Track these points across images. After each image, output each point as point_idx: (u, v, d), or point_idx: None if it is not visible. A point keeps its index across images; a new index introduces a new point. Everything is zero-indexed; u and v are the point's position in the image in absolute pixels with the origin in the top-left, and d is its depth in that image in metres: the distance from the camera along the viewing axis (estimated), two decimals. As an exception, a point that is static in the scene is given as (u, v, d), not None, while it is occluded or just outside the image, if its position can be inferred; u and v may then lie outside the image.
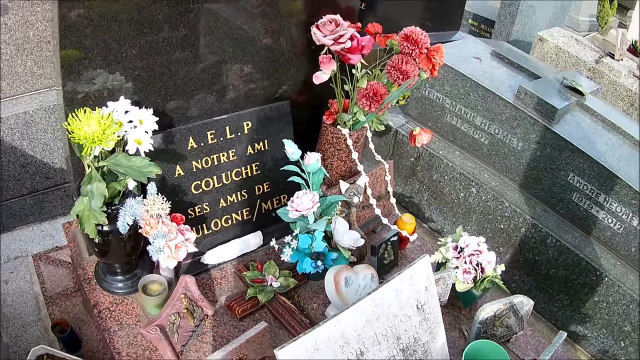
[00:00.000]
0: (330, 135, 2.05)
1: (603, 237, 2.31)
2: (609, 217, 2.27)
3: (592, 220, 2.32)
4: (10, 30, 2.27)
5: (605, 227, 2.29)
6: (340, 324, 1.20)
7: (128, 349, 1.56)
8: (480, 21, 6.04)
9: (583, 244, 2.30)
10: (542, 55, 4.42)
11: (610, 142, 2.44)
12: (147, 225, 1.43)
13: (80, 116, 1.28)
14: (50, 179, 2.49)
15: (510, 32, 5.28)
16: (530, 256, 2.41)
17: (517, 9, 5.18)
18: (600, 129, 2.52)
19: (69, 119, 1.29)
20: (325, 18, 1.76)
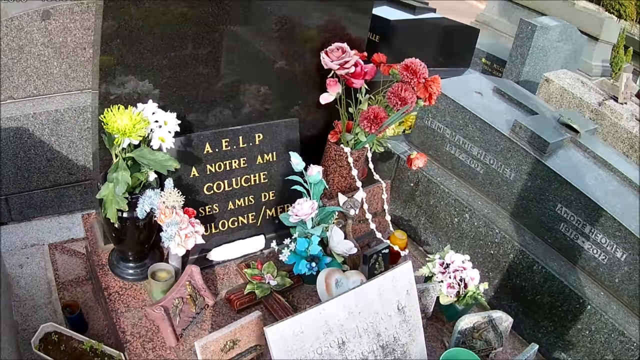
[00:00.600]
0: (334, 152, 2.23)
1: (588, 267, 2.44)
2: (594, 248, 2.41)
3: (578, 250, 2.46)
4: (50, 34, 2.49)
5: (590, 257, 2.42)
6: (325, 312, 1.36)
7: (132, 329, 1.72)
8: (492, 60, 6.26)
9: (568, 273, 2.44)
10: (547, 95, 4.60)
11: (600, 177, 2.59)
12: (162, 214, 1.61)
13: (114, 111, 1.48)
14: (73, 175, 2.68)
15: (520, 72, 5.49)
16: (518, 282, 2.54)
17: (527, 51, 5.39)
18: (591, 165, 2.68)
19: (105, 112, 1.48)
20: (334, 45, 1.96)
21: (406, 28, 3.74)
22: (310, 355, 1.33)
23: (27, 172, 2.57)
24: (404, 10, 4.07)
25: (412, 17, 3.94)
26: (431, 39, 4.01)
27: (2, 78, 2.47)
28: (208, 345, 1.46)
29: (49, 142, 2.55)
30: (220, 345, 1.49)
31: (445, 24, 4.12)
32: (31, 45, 2.47)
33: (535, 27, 5.35)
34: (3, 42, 2.40)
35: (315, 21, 2.10)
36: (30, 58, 2.50)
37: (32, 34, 2.45)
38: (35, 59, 2.51)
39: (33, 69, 2.52)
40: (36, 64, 2.52)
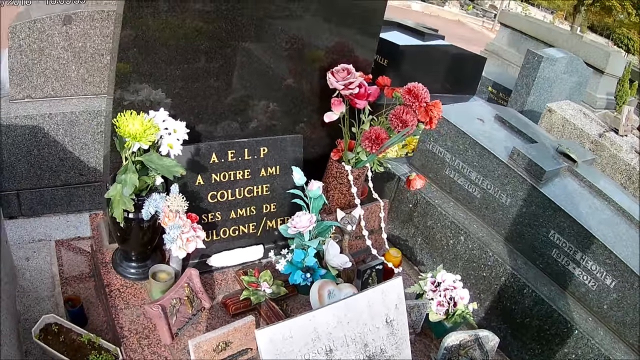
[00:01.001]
0: (335, 169, 2.29)
1: (577, 293, 2.48)
2: (584, 274, 2.45)
3: (569, 276, 2.50)
4: (70, 39, 2.59)
5: (580, 283, 2.46)
6: (314, 319, 1.41)
7: (130, 325, 1.77)
8: (499, 89, 6.34)
9: (558, 297, 2.48)
10: (549, 125, 4.66)
11: (594, 206, 2.64)
12: (166, 217, 1.67)
13: (127, 116, 1.55)
14: (84, 175, 2.76)
15: (525, 101, 5.56)
16: (508, 304, 2.58)
17: (533, 81, 5.47)
18: (586, 194, 2.73)
19: (118, 117, 1.56)
20: (340, 66, 2.04)
21: (414, 53, 3.83)
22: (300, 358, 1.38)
23: (39, 170, 2.65)
24: (413, 36, 4.17)
25: (420, 43, 4.03)
26: (439, 65, 4.09)
27: (21, 77, 2.57)
28: (201, 344, 1.52)
29: (62, 142, 2.63)
30: (212, 345, 1.55)
31: (453, 51, 4.21)
32: (51, 48, 2.57)
33: (542, 58, 5.43)
34: (24, 42, 2.50)
35: (325, 42, 2.18)
36: (49, 60, 2.59)
37: (53, 37, 2.55)
38: (54, 61, 2.60)
39: (52, 71, 2.62)
40: (55, 67, 2.61)
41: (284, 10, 2.00)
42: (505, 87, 6.24)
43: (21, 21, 2.49)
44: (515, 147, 2.72)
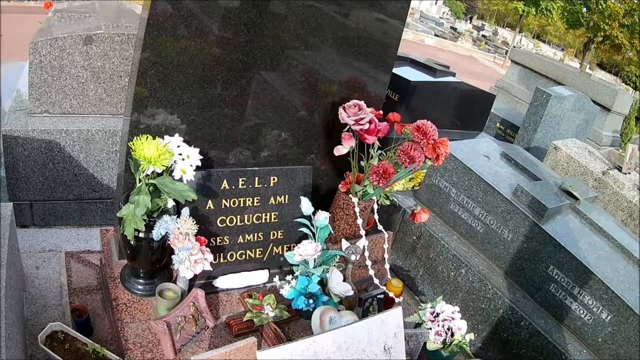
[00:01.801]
0: (342, 201, 2.35)
1: (573, 326, 2.51)
2: (580, 308, 2.48)
3: (565, 310, 2.53)
4: (90, 59, 2.69)
5: (577, 317, 2.49)
6: (315, 343, 1.45)
7: (134, 339, 1.82)
8: (507, 126, 6.42)
9: (554, 330, 2.51)
10: (554, 162, 4.71)
11: (594, 243, 2.68)
12: (175, 239, 1.73)
13: (143, 140, 1.62)
14: (96, 192, 2.84)
15: (531, 138, 5.62)
16: (505, 335, 2.61)
17: (540, 118, 5.54)
18: (587, 231, 2.78)
19: (134, 140, 1.63)
20: (351, 102, 2.12)
21: (425, 89, 3.91)
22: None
23: (53, 183, 2.73)
24: (425, 72, 4.26)
25: (431, 79, 4.12)
26: (449, 101, 4.18)
27: (40, 92, 2.66)
28: (205, 363, 1.56)
29: (77, 158, 2.71)
30: (216, 364, 1.59)
31: (463, 88, 4.30)
32: (71, 66, 2.67)
33: (550, 96, 5.51)
34: (45, 59, 2.60)
35: (338, 77, 2.27)
36: (69, 78, 2.69)
37: (73, 55, 2.65)
38: (73, 79, 2.70)
39: (70, 89, 2.71)
40: (74, 85, 2.71)
41: (300, 42, 2.09)
42: (513, 123, 6.32)
43: (43, 38, 2.60)
44: (519, 185, 2.77)
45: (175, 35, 1.79)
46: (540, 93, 5.57)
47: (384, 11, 2.28)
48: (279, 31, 2.02)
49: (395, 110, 2.36)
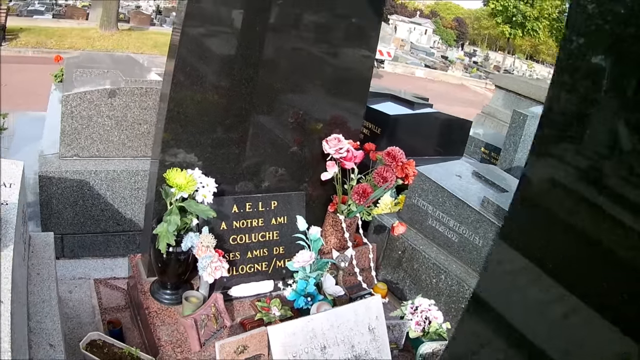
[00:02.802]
0: (331, 219, 2.88)
1: None
2: None
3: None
4: (114, 109, 3.25)
5: None
6: (312, 321, 1.96)
7: (166, 338, 2.32)
8: (491, 149, 6.97)
9: None
10: (533, 181, 5.25)
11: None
12: (199, 250, 2.25)
13: (174, 172, 2.16)
14: (120, 225, 3.35)
15: (513, 159, 6.16)
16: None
17: (520, 139, 6.09)
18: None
19: (168, 172, 2.17)
20: (332, 136, 2.69)
21: (404, 122, 4.48)
22: (300, 352, 1.92)
23: (82, 218, 3.24)
24: (404, 105, 4.84)
25: (410, 112, 4.69)
26: (428, 131, 4.73)
27: (71, 139, 3.21)
28: (225, 345, 2.06)
29: (104, 195, 3.24)
30: (234, 347, 2.08)
31: (441, 117, 4.87)
32: (98, 116, 3.22)
33: (527, 117, 6.08)
34: (75, 110, 3.16)
35: (323, 115, 2.84)
36: (96, 126, 3.24)
37: (100, 107, 3.21)
38: (100, 127, 3.25)
39: (97, 135, 3.26)
40: (100, 132, 3.26)
41: (291, 86, 2.67)
42: (496, 147, 6.87)
43: (73, 92, 3.16)
44: (485, 197, 3.30)
45: (193, 90, 2.36)
46: (517, 115, 6.15)
47: (365, 47, 2.87)
48: (272, 81, 2.60)
49: (378, 142, 2.93)
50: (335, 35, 2.78)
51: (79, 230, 3.27)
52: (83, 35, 13.55)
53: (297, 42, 2.64)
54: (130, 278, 2.91)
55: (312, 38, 2.71)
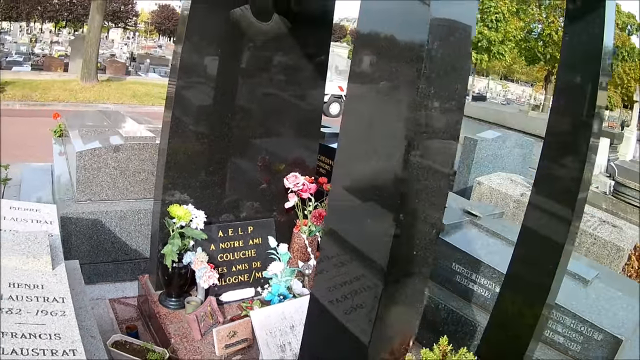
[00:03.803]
0: (297, 238, 3.72)
1: (478, 302, 3.77)
2: (480, 288, 3.78)
3: (470, 291, 3.83)
4: (119, 162, 4.07)
5: (479, 294, 3.78)
6: (282, 307, 2.78)
7: (174, 332, 3.10)
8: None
9: (464, 307, 3.74)
10: (480, 195, 6.13)
11: (487, 243, 4.01)
12: (196, 264, 3.06)
13: (176, 207, 2.99)
14: (127, 255, 4.14)
15: (467, 180, 7.03)
16: (431, 318, 3.82)
17: (472, 161, 7.00)
18: (482, 236, 4.13)
19: (170, 207, 3.00)
20: (291, 174, 3.55)
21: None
22: (274, 329, 2.73)
23: (96, 250, 4.03)
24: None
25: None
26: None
27: (85, 186, 4.01)
28: (220, 331, 2.85)
29: (114, 231, 4.04)
30: (226, 332, 2.88)
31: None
32: (105, 168, 4.04)
33: (476, 141, 7.01)
34: (88, 163, 3.97)
35: (286, 156, 3.70)
36: (104, 175, 4.05)
37: (107, 160, 4.03)
38: (107, 176, 4.07)
39: (105, 183, 4.07)
40: (108, 180, 4.07)
41: (264, 130, 3.53)
42: (455, 170, 7.72)
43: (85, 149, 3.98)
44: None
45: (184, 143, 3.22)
46: (468, 140, 7.07)
47: (320, 86, 3.78)
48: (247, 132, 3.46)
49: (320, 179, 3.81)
50: (302, 76, 3.68)
51: (94, 260, 4.05)
52: (65, 87, 14.39)
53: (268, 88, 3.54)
54: (140, 296, 3.70)
55: (283, 81, 3.60)
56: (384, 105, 1.86)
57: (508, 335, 2.84)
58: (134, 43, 41.42)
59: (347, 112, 2.05)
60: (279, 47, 3.54)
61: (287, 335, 2.80)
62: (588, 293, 3.66)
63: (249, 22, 3.33)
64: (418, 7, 1.69)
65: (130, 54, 29.09)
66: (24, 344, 2.00)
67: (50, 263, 2.55)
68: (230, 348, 2.91)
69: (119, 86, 16.30)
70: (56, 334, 2.13)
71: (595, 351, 3.27)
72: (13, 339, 2.01)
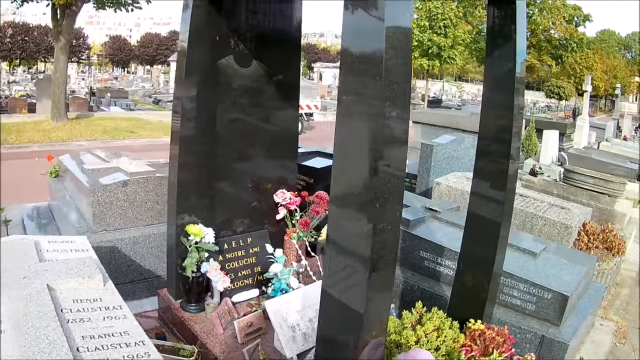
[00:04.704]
0: (288, 244, 4.43)
1: (445, 280, 4.53)
2: (445, 269, 4.54)
3: (437, 273, 4.58)
4: (127, 194, 4.72)
5: (445, 274, 4.53)
6: (289, 296, 3.48)
7: (199, 330, 3.75)
8: (410, 177, 8.36)
9: (435, 286, 4.50)
10: (439, 194, 6.92)
11: (447, 232, 4.79)
12: (212, 271, 3.74)
13: (192, 226, 3.67)
14: (142, 274, 4.77)
15: (428, 182, 7.79)
16: (407, 300, 4.59)
17: (430, 165, 7.80)
18: (443, 227, 4.91)
19: (187, 227, 3.68)
20: (279, 191, 4.29)
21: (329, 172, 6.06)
22: (284, 313, 3.42)
23: (115, 273, 4.61)
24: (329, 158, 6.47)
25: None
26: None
27: (100, 218, 4.63)
28: (240, 322, 3.53)
29: (129, 255, 4.67)
30: (245, 323, 3.56)
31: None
32: (116, 201, 4.68)
33: (432, 147, 7.82)
34: (101, 198, 4.60)
35: (270, 175, 4.42)
36: (116, 208, 4.68)
37: (117, 194, 4.67)
38: (118, 208, 4.70)
39: (118, 214, 4.70)
40: (119, 211, 4.71)
41: (239, 154, 4.24)
42: (415, 174, 8.28)
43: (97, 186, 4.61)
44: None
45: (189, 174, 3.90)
46: (425, 146, 7.88)
47: (292, 104, 4.50)
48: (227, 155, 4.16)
49: (312, 190, 4.53)
50: (266, 97, 4.36)
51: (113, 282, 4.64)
52: (38, 128, 14.78)
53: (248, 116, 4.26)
54: (160, 308, 4.33)
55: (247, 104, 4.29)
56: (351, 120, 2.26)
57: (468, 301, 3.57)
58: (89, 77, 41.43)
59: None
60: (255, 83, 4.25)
61: (295, 317, 3.49)
62: (537, 263, 4.47)
63: (233, 69, 4.05)
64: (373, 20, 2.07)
65: (89, 89, 29.33)
66: (103, 342, 2.62)
67: (102, 281, 3.17)
68: (249, 336, 3.59)
69: (88, 123, 16.75)
70: (125, 331, 2.77)
71: (547, 308, 4.04)
72: (92, 340, 2.61)
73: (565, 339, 3.88)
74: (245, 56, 4.12)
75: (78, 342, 2.54)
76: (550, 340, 3.88)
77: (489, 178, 3.40)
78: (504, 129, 3.22)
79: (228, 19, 4.00)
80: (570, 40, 37.80)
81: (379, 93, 2.10)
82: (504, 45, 3.16)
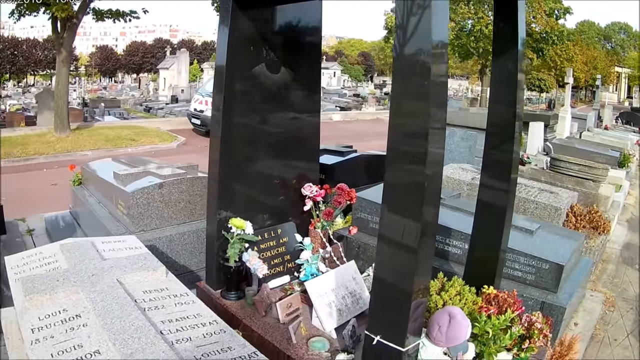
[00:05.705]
0: (313, 233, 4.82)
1: (454, 259, 4.95)
2: (453, 249, 4.95)
3: (447, 252, 4.99)
4: (163, 195, 5.07)
5: (454, 254, 4.95)
6: (324, 277, 3.87)
7: (241, 314, 4.12)
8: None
9: (444, 265, 4.92)
10: (439, 184, 7.35)
11: (452, 215, 5.19)
12: (252, 260, 4.11)
13: (235, 219, 4.05)
14: (177, 270, 5.10)
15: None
16: None
17: (426, 158, 8.22)
18: (448, 211, 5.30)
19: (231, 220, 4.06)
20: (306, 185, 4.68)
21: (339, 167, 6.51)
22: (321, 292, 3.81)
23: (155, 270, 4.99)
24: (337, 155, 6.91)
25: (342, 159, 6.76)
26: (356, 169, 6.80)
27: (138, 219, 4.99)
28: (282, 304, 3.91)
29: (165, 252, 5.02)
30: (285, 304, 3.94)
31: (364, 157, 6.95)
32: (153, 202, 5.03)
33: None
34: (139, 201, 4.95)
35: (294, 175, 4.81)
36: (153, 209, 5.04)
37: (153, 196, 5.02)
38: (155, 209, 5.05)
39: (154, 214, 5.06)
40: (156, 212, 5.06)
41: (275, 155, 4.64)
42: None
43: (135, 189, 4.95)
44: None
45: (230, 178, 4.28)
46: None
47: (315, 107, 4.92)
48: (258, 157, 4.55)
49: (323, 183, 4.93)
50: (293, 101, 4.72)
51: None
52: (42, 140, 14.95)
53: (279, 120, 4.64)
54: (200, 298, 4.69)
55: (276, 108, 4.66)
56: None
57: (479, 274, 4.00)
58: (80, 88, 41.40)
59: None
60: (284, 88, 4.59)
61: (330, 295, 3.87)
62: (534, 239, 4.92)
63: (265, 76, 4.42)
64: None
65: (82, 100, 29.43)
66: (181, 324, 2.93)
67: (165, 272, 3.52)
68: (289, 316, 3.98)
69: (90, 133, 16.96)
70: (197, 314, 3.09)
71: (545, 277, 4.49)
72: (171, 323, 2.91)
73: (563, 304, 4.34)
74: (274, 63, 4.45)
75: (160, 327, 2.85)
76: (550, 305, 4.33)
77: (497, 169, 3.83)
78: (509, 123, 3.68)
79: (262, 29, 4.31)
80: (551, 33, 38.30)
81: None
82: (509, 50, 3.62)
